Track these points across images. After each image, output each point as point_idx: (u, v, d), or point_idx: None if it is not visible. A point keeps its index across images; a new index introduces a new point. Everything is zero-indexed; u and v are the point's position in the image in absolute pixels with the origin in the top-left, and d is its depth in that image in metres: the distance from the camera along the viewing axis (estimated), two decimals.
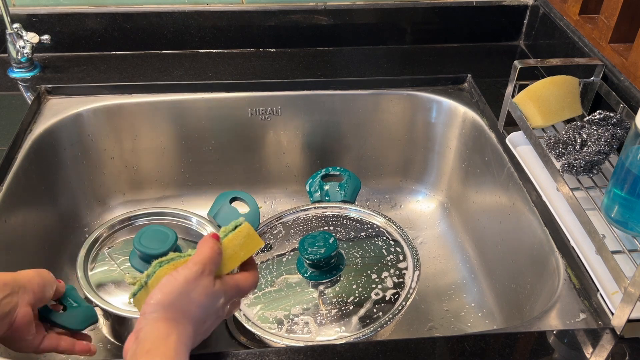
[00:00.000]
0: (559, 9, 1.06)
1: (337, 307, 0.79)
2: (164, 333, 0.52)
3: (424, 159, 1.15)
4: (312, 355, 0.62)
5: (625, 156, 0.68)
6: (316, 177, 1.01)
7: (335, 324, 0.78)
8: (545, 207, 0.81)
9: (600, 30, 0.92)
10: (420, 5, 1.15)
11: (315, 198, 1.00)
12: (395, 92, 1.09)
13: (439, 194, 1.16)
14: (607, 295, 0.68)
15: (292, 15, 1.14)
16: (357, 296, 0.80)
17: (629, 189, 0.68)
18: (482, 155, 1.01)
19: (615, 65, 0.88)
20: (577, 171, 0.78)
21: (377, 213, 0.93)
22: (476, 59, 1.16)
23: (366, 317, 0.78)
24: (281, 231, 0.92)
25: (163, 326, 0.52)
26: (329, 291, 0.82)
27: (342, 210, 0.95)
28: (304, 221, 0.94)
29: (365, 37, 1.17)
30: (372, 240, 0.89)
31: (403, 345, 0.64)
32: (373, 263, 0.85)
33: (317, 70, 1.11)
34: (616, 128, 0.79)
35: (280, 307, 0.80)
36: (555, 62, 0.92)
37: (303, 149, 1.14)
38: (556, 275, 0.75)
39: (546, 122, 0.86)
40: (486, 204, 1.00)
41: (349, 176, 1.01)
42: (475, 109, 1.05)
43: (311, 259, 0.81)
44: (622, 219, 0.70)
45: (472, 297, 0.98)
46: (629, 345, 0.64)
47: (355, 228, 0.92)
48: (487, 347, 0.64)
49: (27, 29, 1.03)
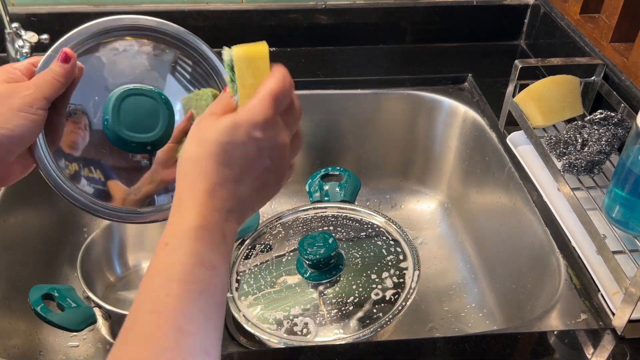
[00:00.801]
0: (559, 9, 1.06)
1: (337, 308, 0.79)
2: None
3: (424, 158, 1.15)
4: (312, 355, 0.62)
5: (626, 156, 0.67)
6: (316, 177, 1.01)
7: (335, 324, 0.77)
8: (546, 207, 0.81)
9: (601, 30, 0.91)
10: (420, 4, 1.15)
11: (315, 198, 0.99)
12: (396, 92, 1.09)
13: (440, 194, 1.16)
14: (608, 295, 0.67)
15: (291, 15, 1.13)
16: (357, 296, 0.80)
17: (630, 188, 0.67)
18: (483, 155, 1.01)
19: (616, 65, 0.88)
20: (578, 171, 0.77)
21: (377, 213, 0.93)
22: (477, 59, 1.16)
23: (366, 317, 0.77)
24: (281, 231, 0.92)
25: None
26: (329, 291, 0.82)
27: (342, 210, 0.95)
28: (304, 221, 0.94)
29: (365, 36, 1.17)
30: (372, 240, 0.89)
31: (403, 346, 0.64)
32: (373, 263, 0.85)
33: (317, 70, 1.11)
34: (617, 128, 0.79)
35: (279, 307, 0.80)
36: (556, 61, 0.92)
37: (303, 148, 1.13)
38: (557, 276, 0.75)
39: (547, 122, 0.86)
40: (487, 204, 1.00)
41: (348, 176, 1.01)
42: (476, 109, 1.05)
43: (311, 259, 0.81)
44: (623, 219, 0.70)
45: (473, 298, 0.98)
46: (629, 345, 0.64)
47: (355, 228, 0.91)
48: (488, 347, 0.64)
49: (26, 29, 1.03)
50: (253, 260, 0.88)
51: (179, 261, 0.41)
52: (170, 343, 0.37)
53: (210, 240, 0.42)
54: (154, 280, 0.41)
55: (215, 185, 0.44)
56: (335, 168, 1.02)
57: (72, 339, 0.89)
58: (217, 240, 0.43)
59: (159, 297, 0.39)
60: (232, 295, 0.82)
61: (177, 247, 0.41)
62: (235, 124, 0.44)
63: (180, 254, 0.41)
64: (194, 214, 0.43)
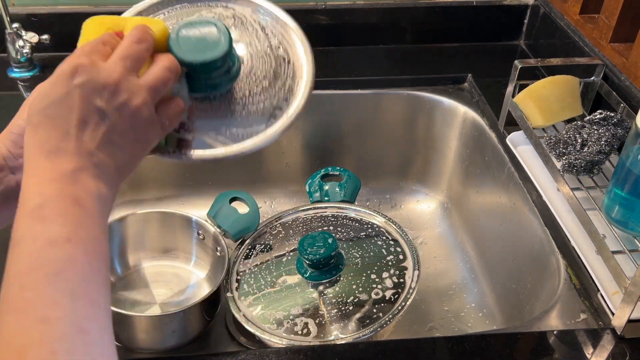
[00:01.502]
0: (559, 9, 1.06)
1: (337, 308, 0.79)
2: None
3: (424, 158, 1.15)
4: (312, 355, 0.62)
5: (625, 156, 0.67)
6: (316, 177, 1.01)
7: (335, 324, 0.77)
8: (545, 207, 0.81)
9: (601, 30, 0.91)
10: (420, 4, 1.15)
11: (315, 198, 0.99)
12: (395, 92, 1.09)
13: (439, 194, 1.16)
14: (607, 295, 0.68)
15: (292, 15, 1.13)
16: (356, 296, 0.80)
17: (630, 189, 0.68)
18: (483, 155, 1.01)
19: (616, 65, 0.88)
20: (578, 171, 0.78)
21: (377, 213, 0.93)
22: (476, 59, 1.16)
23: (366, 317, 0.78)
24: (281, 231, 0.92)
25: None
26: (329, 291, 0.82)
27: (342, 210, 0.95)
28: (304, 221, 0.94)
29: (365, 36, 1.17)
30: (372, 240, 0.89)
31: (403, 346, 0.64)
32: (373, 263, 0.85)
33: (317, 70, 1.10)
34: (617, 128, 0.79)
35: (280, 307, 0.80)
36: (555, 61, 0.92)
37: (303, 148, 1.13)
38: (556, 275, 0.75)
39: (547, 122, 0.86)
40: (486, 204, 1.00)
41: (348, 176, 1.01)
42: (476, 109, 1.05)
43: (311, 259, 0.81)
44: (623, 219, 0.70)
45: (473, 297, 0.98)
46: (629, 345, 0.64)
47: (355, 228, 0.91)
48: (488, 347, 0.64)
49: (26, 29, 1.03)
50: (253, 260, 0.88)
51: (26, 250, 0.39)
52: (33, 337, 0.36)
53: (54, 215, 0.40)
54: (7, 276, 0.38)
55: (45, 146, 0.41)
56: (335, 168, 1.02)
57: None
58: (65, 210, 0.40)
59: (13, 294, 0.37)
60: (232, 295, 0.82)
61: (21, 236, 0.39)
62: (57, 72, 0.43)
63: (25, 243, 0.39)
64: (34, 193, 0.41)
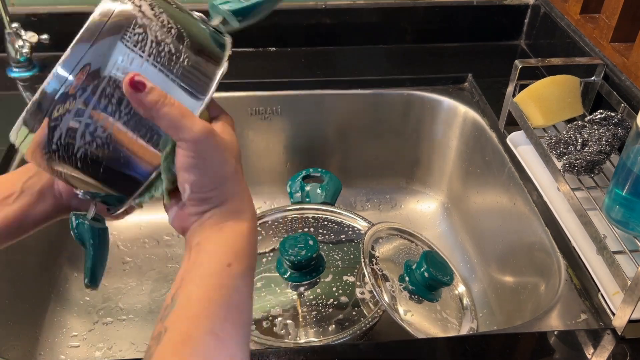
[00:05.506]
0: (559, 9, 1.05)
1: (317, 310, 0.79)
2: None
3: (425, 158, 1.15)
4: (312, 355, 0.62)
5: (626, 156, 0.67)
6: (297, 178, 1.01)
7: (315, 326, 0.77)
8: (546, 207, 0.81)
9: (601, 30, 0.91)
10: (420, 4, 1.15)
11: (296, 199, 0.99)
12: (396, 92, 1.09)
13: (440, 194, 1.16)
14: (608, 295, 0.67)
15: (292, 15, 1.13)
16: (337, 299, 0.80)
17: (630, 189, 0.67)
18: (483, 155, 1.00)
19: (616, 65, 0.88)
20: (578, 171, 0.77)
21: (358, 216, 0.93)
22: (477, 59, 1.16)
23: (345, 319, 0.77)
24: (261, 231, 0.91)
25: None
26: (309, 293, 0.81)
27: (323, 212, 0.94)
28: (284, 222, 0.93)
29: (366, 36, 1.17)
30: (353, 243, 0.88)
31: (404, 346, 0.64)
32: (353, 266, 0.84)
33: (317, 70, 1.11)
34: (617, 128, 0.79)
35: (259, 307, 0.79)
36: (556, 61, 0.92)
37: (303, 148, 1.13)
38: (557, 276, 0.75)
39: (547, 122, 0.86)
40: (487, 204, 1.00)
41: (329, 178, 1.00)
42: (476, 109, 1.05)
43: (292, 260, 0.80)
44: (623, 219, 0.70)
45: (473, 297, 0.98)
46: (630, 345, 0.64)
47: (336, 230, 0.91)
48: (488, 347, 0.64)
49: (26, 29, 1.03)
50: None
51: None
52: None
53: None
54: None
55: None
56: (317, 169, 1.02)
57: (72, 339, 0.89)
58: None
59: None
60: None
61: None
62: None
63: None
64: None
